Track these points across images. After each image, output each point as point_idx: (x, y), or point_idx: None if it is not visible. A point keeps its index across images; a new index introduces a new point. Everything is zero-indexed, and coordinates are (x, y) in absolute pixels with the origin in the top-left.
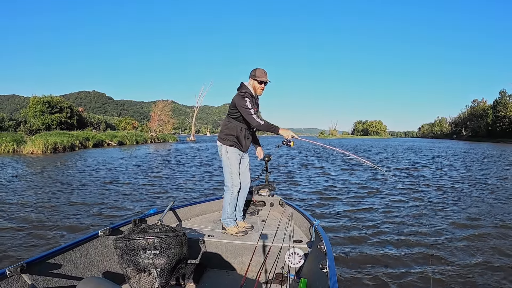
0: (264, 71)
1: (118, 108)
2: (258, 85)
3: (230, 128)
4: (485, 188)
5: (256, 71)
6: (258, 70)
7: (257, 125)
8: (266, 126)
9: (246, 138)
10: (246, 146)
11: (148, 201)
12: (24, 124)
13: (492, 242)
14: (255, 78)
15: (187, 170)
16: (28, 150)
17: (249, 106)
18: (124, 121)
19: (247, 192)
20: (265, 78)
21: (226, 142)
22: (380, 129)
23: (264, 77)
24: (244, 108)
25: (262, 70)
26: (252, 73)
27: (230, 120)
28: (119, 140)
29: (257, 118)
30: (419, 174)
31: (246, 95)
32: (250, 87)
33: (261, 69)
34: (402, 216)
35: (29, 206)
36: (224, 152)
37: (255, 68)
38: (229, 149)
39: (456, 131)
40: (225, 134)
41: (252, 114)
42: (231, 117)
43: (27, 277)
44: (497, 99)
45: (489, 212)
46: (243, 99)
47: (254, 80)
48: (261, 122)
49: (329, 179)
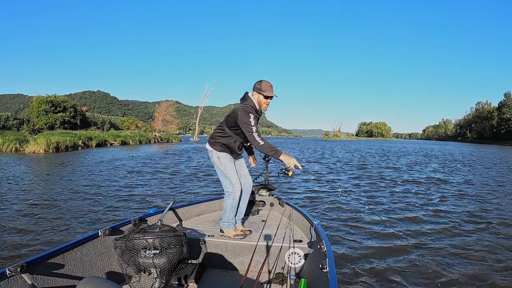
0: (270, 85)
1: (122, 108)
2: (264, 100)
3: (225, 137)
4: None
5: (261, 84)
6: (264, 84)
7: (257, 146)
8: (267, 148)
9: (239, 149)
10: (239, 152)
11: (147, 201)
12: (27, 123)
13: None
14: (260, 92)
15: (184, 170)
16: (30, 149)
17: (253, 123)
18: (128, 121)
19: (249, 195)
20: (271, 93)
21: (216, 147)
22: (384, 130)
23: (271, 91)
24: (247, 124)
25: (268, 83)
26: (257, 86)
27: (226, 130)
28: (122, 140)
29: (258, 137)
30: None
31: (251, 110)
32: (255, 100)
33: (266, 82)
34: (403, 216)
35: (27, 205)
36: (216, 158)
37: (260, 80)
38: (220, 155)
39: (461, 133)
40: (217, 142)
41: (254, 132)
42: (229, 128)
43: (27, 277)
44: (502, 101)
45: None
46: (247, 115)
47: (259, 94)
48: (261, 143)
49: (331, 179)
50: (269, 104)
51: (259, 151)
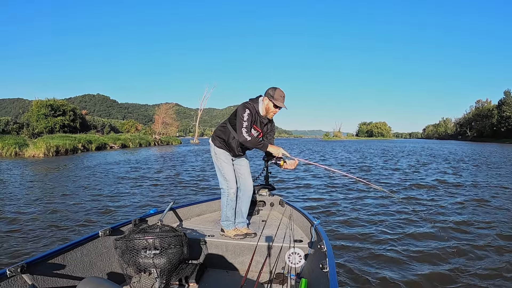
0: (283, 95)
1: (122, 111)
2: (273, 108)
3: (224, 132)
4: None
5: (275, 92)
6: (278, 92)
7: (243, 140)
8: (253, 142)
9: (238, 146)
10: (238, 152)
11: (146, 202)
12: (26, 127)
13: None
14: (271, 99)
15: (184, 171)
16: (30, 153)
17: (245, 118)
18: (128, 124)
19: (250, 197)
20: (282, 104)
21: (216, 142)
22: (384, 130)
23: (282, 102)
24: (240, 118)
25: (282, 92)
26: (270, 93)
27: (227, 125)
28: (122, 142)
29: (246, 133)
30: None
31: (249, 107)
32: (263, 105)
33: (280, 91)
34: (404, 216)
35: (26, 208)
36: (213, 153)
37: (274, 87)
38: (217, 150)
39: (461, 132)
40: (217, 135)
41: (243, 128)
42: (231, 124)
43: (27, 277)
44: (502, 99)
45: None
46: (243, 110)
47: (270, 101)
48: (247, 138)
49: (332, 179)
50: (276, 113)
51: (249, 147)
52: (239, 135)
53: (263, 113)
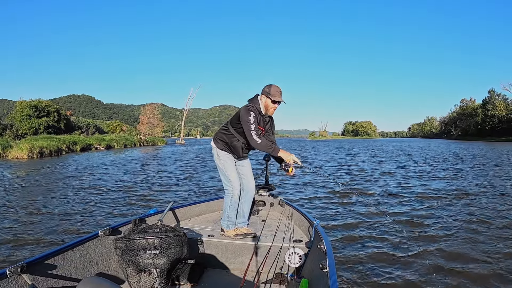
0: (279, 90)
1: (107, 111)
2: (271, 105)
3: (227, 135)
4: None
5: (271, 88)
6: (273, 88)
7: (254, 144)
8: (264, 145)
9: (242, 149)
10: (242, 154)
11: (143, 203)
12: (10, 128)
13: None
14: (269, 96)
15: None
16: (13, 155)
17: (252, 121)
18: (113, 125)
19: (252, 197)
20: (279, 98)
21: (218, 145)
22: (370, 129)
23: (279, 96)
24: (247, 122)
25: (278, 88)
26: (266, 90)
27: (230, 129)
28: (107, 143)
29: (255, 136)
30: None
31: (252, 109)
32: (262, 103)
33: (276, 86)
34: (404, 216)
35: (14, 210)
36: (216, 156)
37: (270, 84)
38: (220, 153)
39: (445, 131)
40: (220, 138)
41: (252, 131)
42: (233, 127)
43: (27, 277)
44: (486, 98)
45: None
46: (247, 113)
47: (267, 98)
48: (258, 141)
49: (331, 178)
50: (276, 109)
51: (258, 150)
52: (250, 139)
53: (264, 111)
